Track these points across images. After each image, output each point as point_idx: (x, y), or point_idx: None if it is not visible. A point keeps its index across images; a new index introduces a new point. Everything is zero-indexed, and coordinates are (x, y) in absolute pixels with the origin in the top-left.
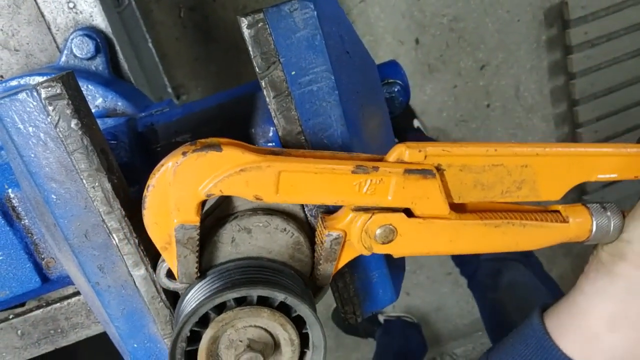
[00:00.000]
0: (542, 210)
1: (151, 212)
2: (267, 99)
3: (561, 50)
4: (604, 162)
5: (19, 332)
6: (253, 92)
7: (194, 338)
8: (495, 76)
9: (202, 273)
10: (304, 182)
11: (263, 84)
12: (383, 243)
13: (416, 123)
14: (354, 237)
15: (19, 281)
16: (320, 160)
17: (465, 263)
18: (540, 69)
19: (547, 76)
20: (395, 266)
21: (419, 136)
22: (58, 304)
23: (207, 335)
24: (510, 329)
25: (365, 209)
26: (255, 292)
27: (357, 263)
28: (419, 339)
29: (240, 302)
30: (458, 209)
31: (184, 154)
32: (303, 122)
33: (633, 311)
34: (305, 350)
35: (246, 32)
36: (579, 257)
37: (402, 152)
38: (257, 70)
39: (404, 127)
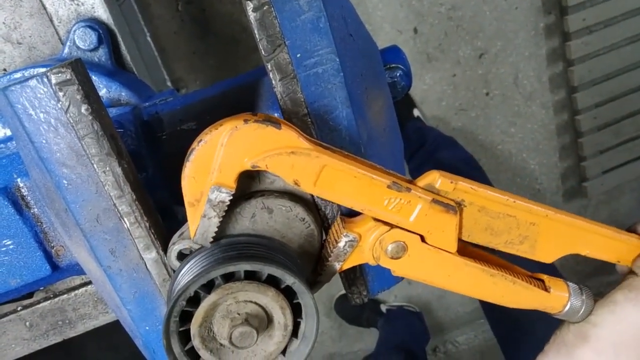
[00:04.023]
0: (529, 275)
1: (194, 166)
2: (273, 82)
3: (559, 37)
4: (598, 241)
5: (27, 323)
6: (256, 79)
7: (193, 301)
8: (494, 64)
9: (214, 239)
10: (343, 182)
11: (269, 66)
12: (391, 258)
13: (416, 112)
14: (366, 244)
15: (29, 269)
16: (362, 166)
17: None
18: (539, 56)
19: (546, 63)
20: None
21: (420, 125)
22: (65, 295)
23: (209, 299)
24: (504, 309)
25: (385, 222)
26: (267, 270)
27: None
28: (422, 328)
29: (249, 276)
30: (460, 250)
31: (245, 121)
32: (309, 104)
33: None
34: (294, 338)
35: (252, 16)
36: None
37: (435, 178)
38: (263, 53)
39: (404, 116)
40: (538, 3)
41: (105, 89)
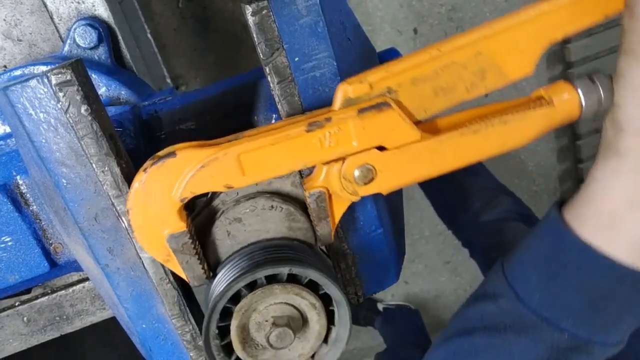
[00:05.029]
0: (525, 101)
1: (140, 233)
2: (271, 85)
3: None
4: (564, 16)
5: (25, 318)
6: (255, 80)
7: (225, 332)
8: None
9: (213, 272)
10: (265, 157)
11: (267, 70)
12: (365, 184)
13: None
14: (335, 187)
15: (28, 266)
16: (274, 131)
17: (463, 227)
18: None
19: (545, 65)
20: (396, 248)
21: None
22: (63, 291)
23: (233, 326)
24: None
25: (336, 160)
26: (260, 274)
27: (359, 245)
28: (422, 325)
29: (253, 286)
30: (433, 130)
31: (145, 170)
32: (306, 108)
33: None
34: (331, 308)
35: (250, 20)
36: None
37: (346, 90)
38: (262, 56)
39: None
40: None
41: (104, 87)
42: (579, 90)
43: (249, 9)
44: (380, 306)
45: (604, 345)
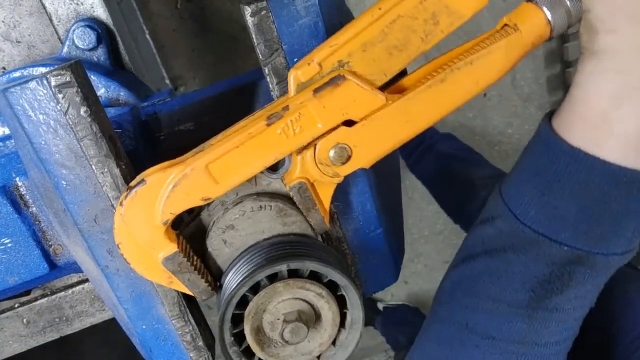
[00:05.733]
0: (490, 34)
1: (136, 264)
2: (270, 86)
3: (557, 39)
4: None
5: (25, 320)
6: (254, 80)
7: (242, 336)
8: None
9: (220, 284)
10: (234, 161)
11: (266, 70)
12: (345, 162)
13: None
14: (315, 175)
15: (27, 268)
16: (236, 132)
17: (471, 217)
18: (537, 57)
19: (544, 65)
20: (395, 248)
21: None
22: (63, 293)
23: (247, 330)
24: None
25: (306, 146)
26: (259, 277)
27: (359, 245)
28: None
29: (257, 289)
30: (401, 90)
31: (121, 204)
32: None
33: (634, 78)
34: (342, 328)
35: (249, 20)
36: None
37: (296, 75)
38: (261, 57)
39: None
40: None
41: (103, 88)
42: (544, 8)
43: (248, 10)
44: (380, 306)
45: (606, 256)
